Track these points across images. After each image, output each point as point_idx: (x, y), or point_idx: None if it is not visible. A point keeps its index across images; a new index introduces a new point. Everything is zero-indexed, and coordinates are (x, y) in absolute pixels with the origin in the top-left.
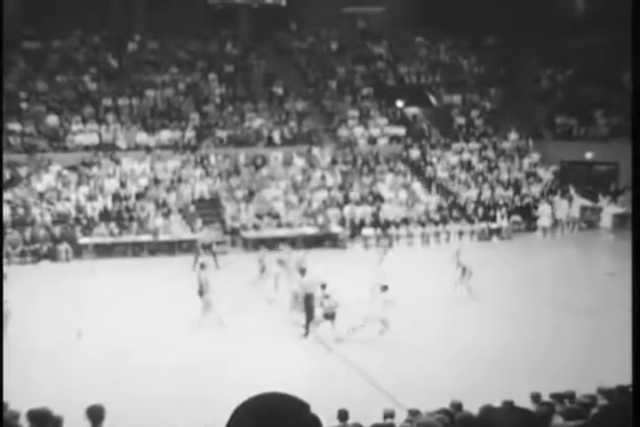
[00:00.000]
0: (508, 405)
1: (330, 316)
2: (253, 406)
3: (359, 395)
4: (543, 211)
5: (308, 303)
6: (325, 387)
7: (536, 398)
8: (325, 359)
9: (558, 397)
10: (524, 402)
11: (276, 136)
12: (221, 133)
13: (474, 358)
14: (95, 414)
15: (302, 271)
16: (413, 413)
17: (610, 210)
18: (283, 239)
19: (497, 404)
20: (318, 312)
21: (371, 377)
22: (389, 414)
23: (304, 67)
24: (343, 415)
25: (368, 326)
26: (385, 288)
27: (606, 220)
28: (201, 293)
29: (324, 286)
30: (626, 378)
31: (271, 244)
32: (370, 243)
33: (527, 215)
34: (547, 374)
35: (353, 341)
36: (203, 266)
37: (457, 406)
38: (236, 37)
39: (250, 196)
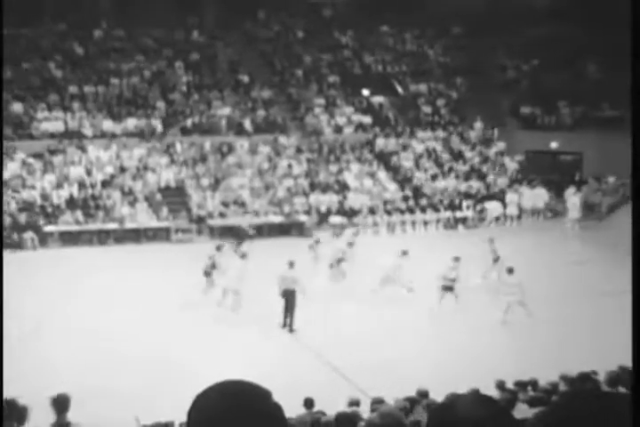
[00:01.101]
0: (473, 393)
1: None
2: (213, 394)
3: (325, 383)
4: (510, 200)
5: (288, 298)
6: (291, 375)
7: (501, 385)
8: (291, 348)
9: (522, 384)
10: (490, 390)
11: (242, 124)
12: (187, 121)
13: (442, 347)
14: (60, 403)
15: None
16: (377, 401)
17: (575, 199)
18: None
19: (464, 391)
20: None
21: (336, 366)
22: (354, 403)
23: (270, 55)
24: (309, 403)
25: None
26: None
27: (572, 209)
28: (207, 274)
29: None
30: (590, 365)
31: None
32: (337, 231)
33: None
34: (512, 362)
35: (319, 329)
36: (219, 248)
37: (423, 395)
38: (202, 25)
39: (216, 184)
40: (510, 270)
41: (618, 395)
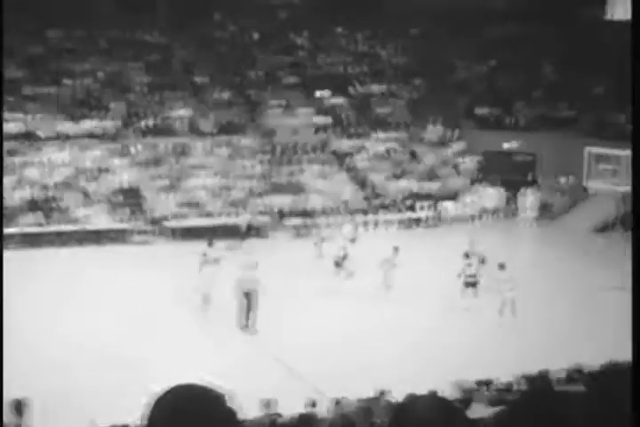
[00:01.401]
0: (431, 395)
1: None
2: (167, 398)
3: (283, 384)
4: (468, 200)
5: (249, 299)
6: (251, 376)
7: (459, 385)
8: (249, 349)
9: (479, 383)
10: (450, 389)
11: (199, 125)
12: (144, 123)
13: (401, 347)
14: (17, 407)
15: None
16: (336, 402)
17: (530, 199)
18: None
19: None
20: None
21: (295, 366)
22: (311, 404)
23: (227, 56)
24: (267, 405)
25: None
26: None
27: (528, 209)
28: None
29: None
30: (546, 364)
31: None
32: (296, 232)
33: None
34: (471, 361)
35: (277, 329)
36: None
37: (383, 395)
38: (158, 26)
39: (173, 185)
40: (502, 266)
41: (572, 393)
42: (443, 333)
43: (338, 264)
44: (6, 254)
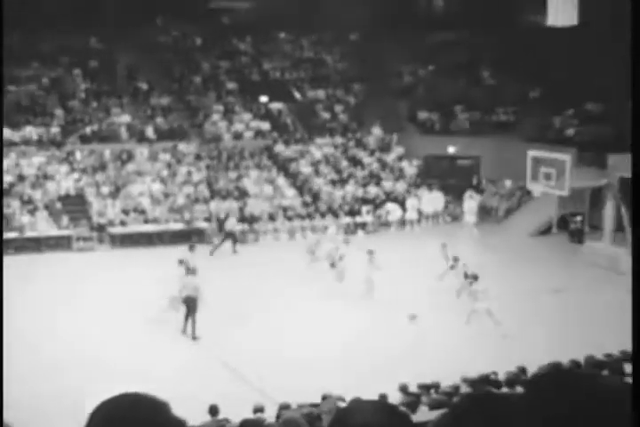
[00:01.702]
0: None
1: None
2: (108, 408)
3: (230, 390)
4: (410, 205)
5: (189, 305)
6: (197, 382)
7: (404, 388)
8: (197, 355)
9: (425, 387)
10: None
11: (142, 131)
12: (87, 129)
13: (351, 351)
14: None
15: None
16: (283, 407)
17: (472, 203)
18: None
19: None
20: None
21: (242, 372)
22: (259, 409)
23: (169, 62)
24: (213, 411)
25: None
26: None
27: (469, 213)
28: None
29: None
30: (489, 367)
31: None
32: (238, 238)
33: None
34: (417, 365)
35: (224, 335)
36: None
37: (328, 400)
38: (99, 32)
39: (116, 191)
40: (475, 277)
41: (513, 396)
42: (393, 336)
43: (333, 265)
44: None
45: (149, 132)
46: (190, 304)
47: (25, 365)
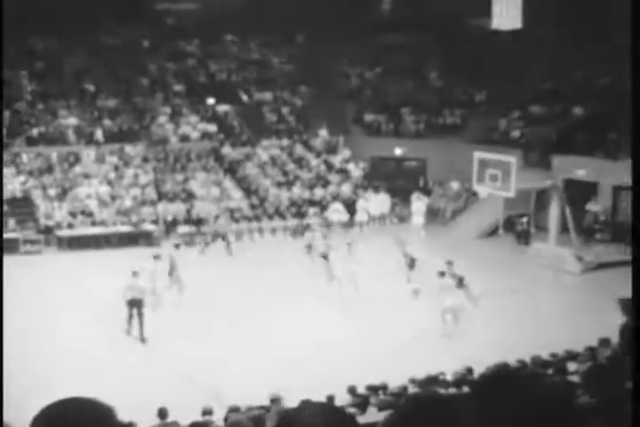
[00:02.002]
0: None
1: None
2: (50, 415)
3: (179, 393)
4: (359, 207)
5: (135, 308)
6: (146, 385)
7: (352, 390)
8: (146, 357)
9: (373, 389)
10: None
11: (90, 134)
12: (33, 131)
13: (302, 353)
14: None
15: None
16: (232, 409)
17: (419, 205)
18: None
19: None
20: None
21: (190, 374)
22: (207, 412)
23: (115, 64)
24: (163, 414)
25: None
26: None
27: (417, 215)
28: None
29: None
30: (438, 367)
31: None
32: (186, 240)
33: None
34: (369, 366)
35: (172, 338)
36: (177, 246)
37: (276, 401)
38: (46, 33)
39: (63, 194)
40: (442, 273)
41: (457, 396)
42: (345, 338)
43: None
44: None
45: (98, 134)
46: (135, 306)
47: None
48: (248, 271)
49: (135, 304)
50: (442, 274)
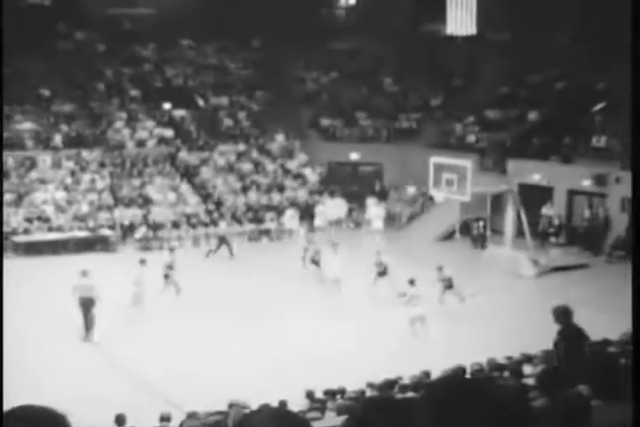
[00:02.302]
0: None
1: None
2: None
3: (137, 399)
4: (318, 211)
5: (86, 307)
6: (102, 392)
7: (310, 395)
8: (103, 362)
9: (331, 393)
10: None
11: (47, 139)
12: None
13: (257, 359)
14: None
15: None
16: (191, 415)
17: (377, 210)
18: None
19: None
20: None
21: (149, 381)
22: (165, 418)
23: (71, 69)
24: (120, 420)
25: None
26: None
27: (374, 220)
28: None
29: None
30: (395, 372)
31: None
32: (142, 245)
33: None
34: (329, 370)
35: (126, 343)
36: (172, 250)
37: (234, 407)
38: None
39: (19, 199)
40: (412, 282)
41: (411, 400)
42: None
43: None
44: None
45: (57, 139)
46: (85, 306)
47: None
48: (225, 274)
49: (85, 303)
50: (412, 282)
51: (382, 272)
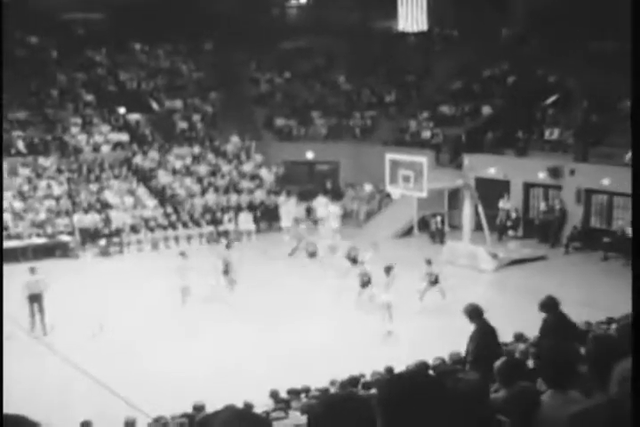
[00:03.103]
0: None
1: None
2: None
3: (101, 403)
4: (283, 211)
5: (36, 302)
6: (68, 397)
7: (274, 395)
8: (66, 370)
9: (295, 392)
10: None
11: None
12: None
13: (220, 363)
14: None
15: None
16: (157, 420)
17: (333, 208)
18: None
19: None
20: None
21: (113, 385)
22: (130, 423)
23: (24, 75)
24: (85, 426)
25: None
26: None
27: (331, 218)
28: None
29: None
30: (360, 369)
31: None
32: (102, 250)
33: (267, 217)
34: (298, 368)
35: (88, 350)
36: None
37: (199, 409)
38: None
39: None
40: (389, 269)
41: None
42: (267, 345)
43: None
44: None
45: (20, 145)
46: (35, 301)
47: None
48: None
49: (34, 299)
50: (388, 270)
51: (367, 282)
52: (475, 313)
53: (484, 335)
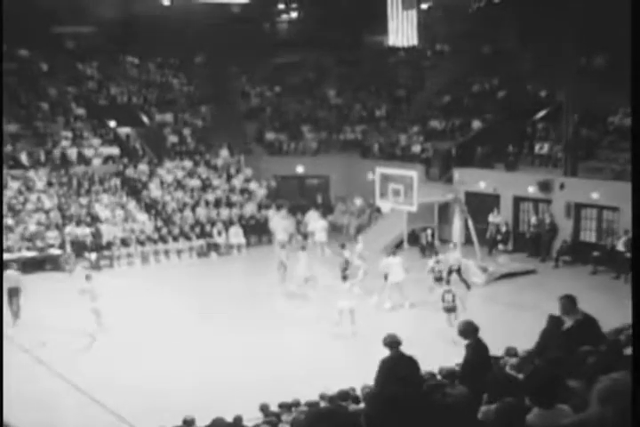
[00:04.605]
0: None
1: None
2: None
3: (92, 417)
4: (274, 225)
5: (14, 296)
6: (55, 411)
7: (264, 408)
8: (51, 381)
9: (285, 406)
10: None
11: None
12: None
13: (207, 376)
14: None
15: None
16: None
17: (322, 222)
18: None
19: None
20: None
21: (101, 399)
22: None
23: (15, 88)
24: None
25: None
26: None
27: (319, 232)
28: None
29: None
30: (348, 382)
31: None
32: (93, 264)
33: (257, 231)
34: (274, 385)
35: (67, 356)
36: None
37: (189, 423)
38: None
39: None
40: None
41: (354, 410)
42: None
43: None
44: None
45: (22, 158)
46: (14, 293)
47: None
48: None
49: (12, 293)
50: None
51: (345, 269)
52: (469, 331)
53: (478, 352)
